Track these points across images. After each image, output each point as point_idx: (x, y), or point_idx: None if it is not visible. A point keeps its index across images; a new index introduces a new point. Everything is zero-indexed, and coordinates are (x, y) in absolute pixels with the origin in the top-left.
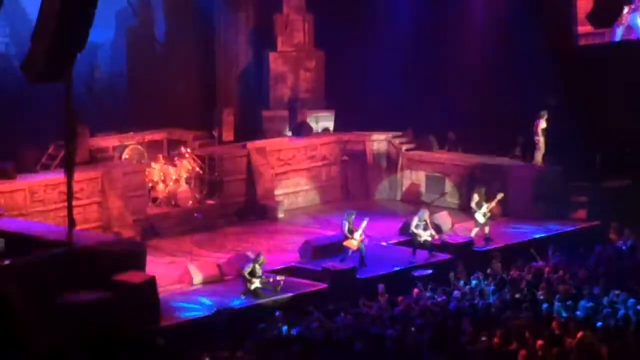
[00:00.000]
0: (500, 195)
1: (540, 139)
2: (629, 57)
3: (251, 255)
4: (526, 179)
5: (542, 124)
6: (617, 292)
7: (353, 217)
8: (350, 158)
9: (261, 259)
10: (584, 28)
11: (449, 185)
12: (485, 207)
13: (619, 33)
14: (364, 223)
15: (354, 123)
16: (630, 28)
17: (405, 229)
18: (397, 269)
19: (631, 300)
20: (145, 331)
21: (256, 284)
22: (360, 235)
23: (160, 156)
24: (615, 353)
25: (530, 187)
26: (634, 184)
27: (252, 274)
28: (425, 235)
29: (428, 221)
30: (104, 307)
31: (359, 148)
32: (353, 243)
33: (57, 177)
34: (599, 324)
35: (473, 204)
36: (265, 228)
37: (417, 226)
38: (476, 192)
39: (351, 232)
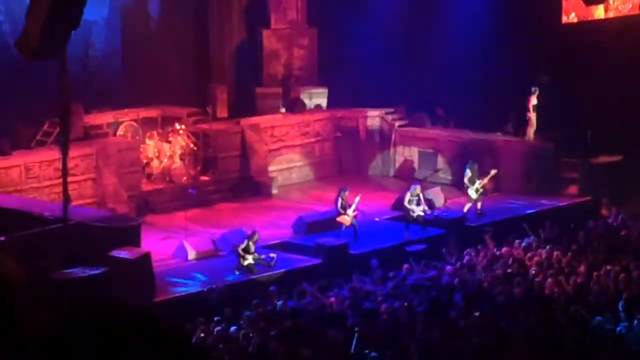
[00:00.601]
0: (493, 172)
1: (532, 115)
2: (616, 33)
3: (246, 230)
4: (518, 154)
5: (533, 100)
6: (608, 267)
7: (347, 193)
8: (343, 134)
9: (256, 236)
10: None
11: (441, 161)
12: (478, 183)
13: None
14: (357, 199)
15: (347, 100)
16: None
17: (398, 205)
18: (390, 244)
19: (621, 276)
20: (141, 306)
21: (249, 260)
22: (353, 211)
23: (155, 133)
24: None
25: (522, 163)
26: (624, 160)
27: (246, 250)
28: (418, 211)
29: (421, 196)
30: (99, 282)
31: (352, 124)
32: (346, 219)
33: (52, 153)
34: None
35: (466, 180)
36: (259, 204)
37: (409, 201)
38: (469, 168)
39: (344, 208)
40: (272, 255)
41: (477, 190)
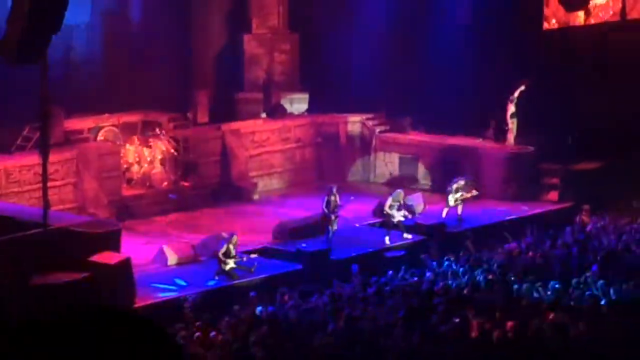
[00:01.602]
0: (475, 192)
1: (512, 121)
2: (597, 39)
3: (225, 235)
4: (498, 160)
5: (512, 109)
6: (587, 273)
7: (335, 190)
8: (324, 140)
9: (234, 239)
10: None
11: (421, 167)
12: (459, 194)
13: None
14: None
15: (328, 105)
16: None
17: (378, 211)
18: (370, 250)
19: (600, 282)
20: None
21: (230, 264)
22: (335, 216)
23: (135, 138)
24: (584, 333)
25: (502, 168)
26: (605, 167)
27: (227, 254)
28: (398, 216)
29: (402, 202)
30: (79, 287)
31: (333, 130)
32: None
33: (33, 158)
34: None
35: (454, 187)
36: (239, 209)
37: (391, 207)
38: (455, 183)
39: (329, 207)
40: (253, 256)
41: (456, 200)
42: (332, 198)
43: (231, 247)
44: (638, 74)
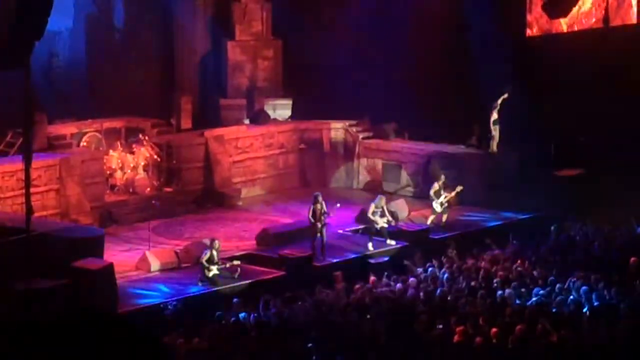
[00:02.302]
0: (459, 188)
1: (495, 128)
2: (578, 46)
3: (208, 242)
4: (481, 167)
5: (494, 116)
6: (573, 279)
7: (320, 198)
8: (307, 146)
9: (217, 244)
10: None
11: (405, 174)
12: (443, 197)
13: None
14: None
15: (311, 112)
16: None
17: (361, 217)
18: (353, 256)
19: (584, 288)
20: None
21: (214, 271)
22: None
23: (118, 144)
24: (568, 339)
25: (485, 175)
26: (588, 173)
27: (210, 261)
28: (382, 222)
29: (385, 208)
30: (62, 294)
31: (316, 136)
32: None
33: (15, 164)
34: (553, 310)
35: (432, 193)
36: (223, 215)
37: (374, 213)
38: (436, 182)
39: (315, 216)
40: (236, 263)
41: (441, 204)
42: (318, 206)
43: (214, 253)
44: (621, 81)
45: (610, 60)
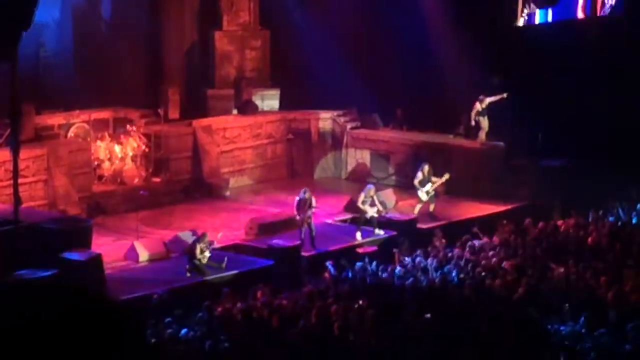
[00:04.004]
0: (446, 176)
1: (481, 119)
2: (565, 37)
3: (196, 234)
4: (469, 157)
5: (478, 108)
6: (559, 269)
7: (308, 194)
8: (295, 136)
9: (205, 237)
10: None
11: (393, 164)
12: (429, 186)
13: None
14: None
15: (299, 102)
16: None
17: (350, 207)
18: (342, 246)
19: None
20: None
21: (202, 261)
22: (312, 212)
23: (106, 134)
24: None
25: (473, 165)
26: (576, 163)
27: (198, 252)
28: (371, 212)
29: (375, 197)
30: (50, 284)
31: (304, 126)
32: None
33: (3, 155)
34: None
35: (416, 182)
36: (211, 205)
37: (363, 202)
38: (420, 171)
39: (301, 207)
40: (219, 235)
41: (427, 193)
42: (305, 199)
43: (202, 245)
44: (609, 71)
45: (599, 50)
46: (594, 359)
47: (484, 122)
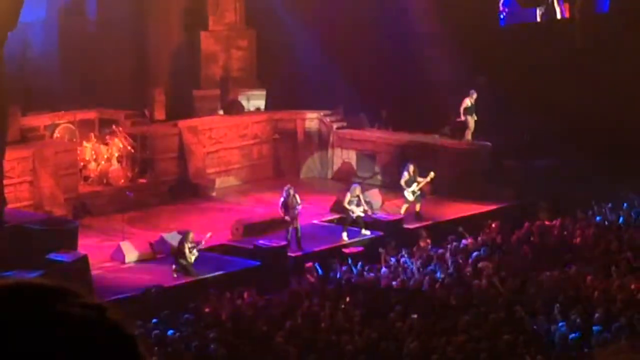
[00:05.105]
0: (431, 175)
1: (468, 118)
2: (550, 37)
3: (180, 234)
4: (455, 157)
5: (467, 103)
6: (547, 273)
7: (292, 190)
8: (281, 136)
9: (190, 236)
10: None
11: (379, 164)
12: (415, 185)
13: (538, 13)
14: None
15: (285, 102)
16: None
17: (336, 207)
18: (328, 246)
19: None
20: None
21: (188, 260)
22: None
23: (92, 135)
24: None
25: (459, 165)
26: (562, 163)
27: (184, 251)
28: (358, 211)
29: (361, 197)
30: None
31: (290, 126)
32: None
33: None
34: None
35: (402, 182)
36: (197, 206)
37: (349, 202)
38: (406, 171)
39: (287, 207)
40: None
41: (413, 193)
42: (290, 199)
43: (188, 244)
44: (595, 70)
45: (583, 49)
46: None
47: (471, 122)
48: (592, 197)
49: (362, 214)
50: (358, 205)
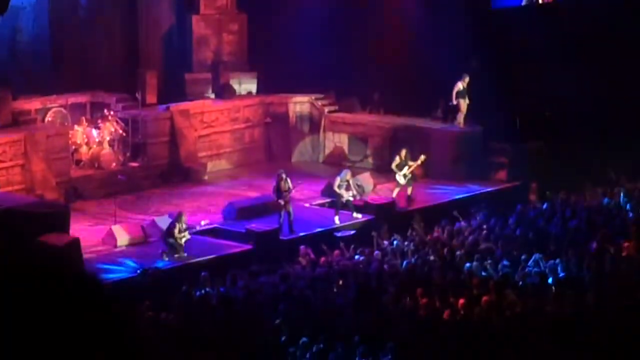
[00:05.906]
0: (422, 157)
1: (461, 101)
2: (538, 20)
3: (171, 218)
4: (447, 140)
5: (459, 87)
6: (538, 255)
7: (284, 175)
8: (273, 120)
9: (183, 217)
10: None
11: (371, 147)
12: (406, 169)
13: None
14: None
15: (277, 85)
16: None
17: (327, 191)
18: (319, 230)
19: (550, 262)
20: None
21: (179, 241)
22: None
23: (84, 119)
24: (533, 311)
25: (451, 148)
26: (553, 146)
27: (177, 232)
28: (347, 196)
29: (350, 181)
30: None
31: (281, 110)
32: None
33: None
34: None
35: (393, 166)
36: (189, 190)
37: (339, 186)
38: (397, 154)
39: (279, 192)
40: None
41: (405, 176)
42: (282, 183)
43: (180, 224)
44: (585, 53)
45: (574, 33)
46: None
47: (463, 105)
48: (584, 180)
49: (351, 198)
50: (347, 189)
